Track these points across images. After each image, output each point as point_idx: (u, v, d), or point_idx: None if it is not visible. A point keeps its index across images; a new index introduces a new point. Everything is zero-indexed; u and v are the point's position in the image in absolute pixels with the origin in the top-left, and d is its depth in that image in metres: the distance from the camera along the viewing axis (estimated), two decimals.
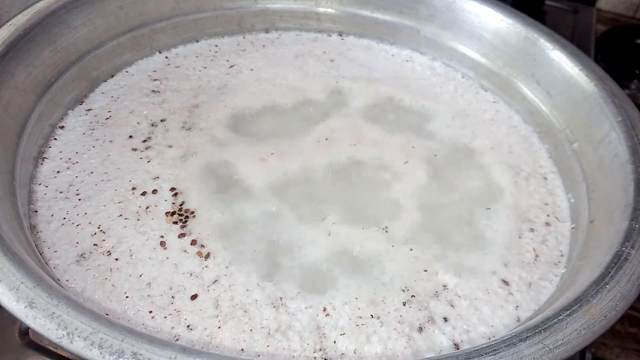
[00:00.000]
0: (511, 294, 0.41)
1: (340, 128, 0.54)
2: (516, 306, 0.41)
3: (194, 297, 0.38)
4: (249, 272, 0.40)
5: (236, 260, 0.41)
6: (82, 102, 0.52)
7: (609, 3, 1.01)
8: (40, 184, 0.44)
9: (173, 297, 0.38)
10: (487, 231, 0.46)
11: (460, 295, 0.41)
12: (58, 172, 0.45)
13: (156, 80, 0.56)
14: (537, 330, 0.30)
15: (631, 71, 0.87)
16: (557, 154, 0.53)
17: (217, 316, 0.37)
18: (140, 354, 0.27)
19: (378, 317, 0.38)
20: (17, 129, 0.44)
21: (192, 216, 0.43)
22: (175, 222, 0.43)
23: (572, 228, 0.47)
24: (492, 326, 0.39)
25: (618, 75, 0.58)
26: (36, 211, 0.42)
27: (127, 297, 0.37)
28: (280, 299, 0.39)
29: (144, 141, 0.49)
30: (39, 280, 0.30)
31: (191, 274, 0.39)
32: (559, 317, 0.31)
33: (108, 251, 0.40)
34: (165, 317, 0.37)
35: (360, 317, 0.38)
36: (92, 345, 0.27)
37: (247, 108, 0.54)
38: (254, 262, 0.41)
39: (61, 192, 0.44)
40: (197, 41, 0.62)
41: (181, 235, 0.42)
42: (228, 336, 0.36)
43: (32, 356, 0.39)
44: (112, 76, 0.56)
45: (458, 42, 0.62)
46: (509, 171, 0.51)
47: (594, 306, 0.32)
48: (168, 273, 0.39)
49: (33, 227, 0.41)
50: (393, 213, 0.46)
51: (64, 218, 0.42)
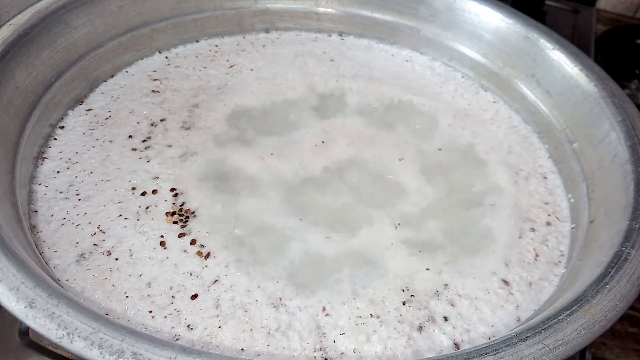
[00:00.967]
0: (511, 294, 0.41)
1: (340, 127, 0.54)
2: (516, 306, 0.41)
3: (194, 297, 0.38)
4: (249, 272, 0.40)
5: (236, 260, 0.41)
6: (82, 102, 0.52)
7: (609, 3, 1.01)
8: (40, 184, 0.44)
9: (173, 297, 0.38)
10: (488, 230, 0.46)
11: (460, 294, 0.41)
12: (58, 172, 0.45)
13: (156, 80, 0.56)
14: (537, 330, 0.30)
15: (631, 71, 0.87)
16: (557, 154, 0.53)
17: (218, 316, 0.37)
18: (140, 354, 0.27)
19: (378, 317, 0.38)
20: (17, 129, 0.43)
21: (192, 216, 0.43)
22: (175, 222, 0.43)
23: (572, 228, 0.47)
24: (493, 326, 0.39)
25: (618, 75, 0.58)
26: (36, 211, 0.42)
27: (127, 297, 0.37)
28: (280, 299, 0.39)
29: (144, 141, 0.49)
30: (39, 280, 0.30)
31: (191, 274, 0.39)
32: (559, 317, 0.31)
33: (108, 251, 0.40)
34: (165, 317, 0.37)
35: (360, 317, 0.38)
36: (92, 345, 0.27)
37: (247, 107, 0.54)
38: (254, 262, 0.41)
39: (61, 192, 0.44)
40: (197, 41, 0.62)
41: (181, 235, 0.42)
42: (228, 336, 0.36)
43: (32, 356, 0.39)
44: (112, 76, 0.56)
45: (458, 42, 0.62)
46: (509, 171, 0.51)
47: (594, 306, 0.32)
48: (168, 273, 0.39)
49: (33, 227, 0.41)
50: (392, 213, 0.46)
51: (64, 218, 0.42)
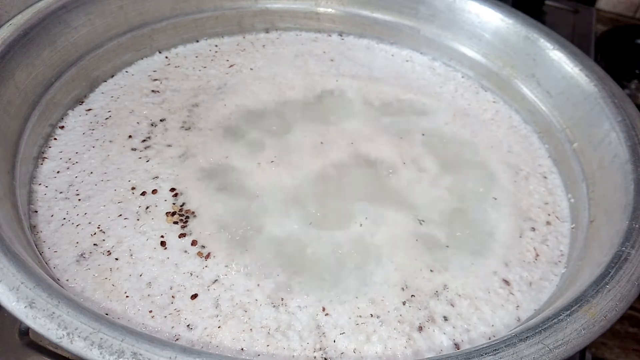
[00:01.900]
0: (512, 294, 0.41)
1: (340, 127, 0.54)
2: (517, 306, 0.41)
3: (194, 297, 0.38)
4: (249, 272, 0.40)
5: (236, 259, 0.41)
6: (82, 102, 0.52)
7: (609, 3, 1.01)
8: (40, 184, 0.44)
9: (173, 297, 0.38)
10: (488, 230, 0.46)
11: (460, 294, 0.41)
12: (58, 172, 0.45)
13: (156, 80, 0.56)
14: (537, 330, 0.30)
15: (631, 71, 0.87)
16: (557, 154, 0.53)
17: (217, 316, 0.37)
18: (140, 354, 0.27)
19: (378, 317, 0.38)
20: (17, 129, 0.43)
21: (193, 216, 0.43)
22: (175, 222, 0.43)
23: (572, 228, 0.47)
24: (493, 326, 0.39)
25: (618, 75, 0.58)
26: (36, 211, 0.42)
27: (127, 297, 0.37)
28: (280, 299, 0.39)
29: (144, 141, 0.49)
30: (39, 280, 0.30)
31: (191, 274, 0.39)
32: (559, 317, 0.31)
33: (108, 251, 0.40)
34: (165, 317, 0.37)
35: (360, 317, 0.38)
36: (92, 345, 0.27)
37: (247, 107, 0.54)
38: (254, 262, 0.41)
39: (61, 192, 0.44)
40: (197, 41, 0.62)
41: (181, 235, 0.42)
42: (228, 336, 0.36)
43: (32, 356, 0.39)
44: (112, 76, 0.56)
45: (458, 42, 0.62)
46: (509, 170, 0.51)
47: (594, 306, 0.32)
48: (168, 273, 0.39)
49: (33, 227, 0.41)
50: (392, 213, 0.46)
51: (64, 218, 0.42)
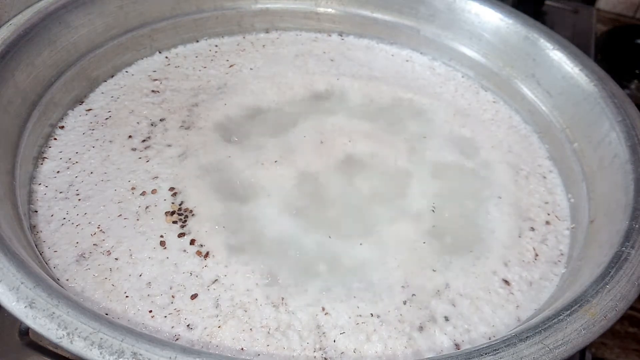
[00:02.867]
0: (512, 294, 0.41)
1: (340, 127, 0.54)
2: (517, 306, 0.41)
3: (194, 297, 0.38)
4: (249, 272, 0.40)
5: (236, 259, 0.40)
6: (82, 102, 0.52)
7: (609, 3, 1.01)
8: (40, 184, 0.44)
9: (173, 297, 0.38)
10: (488, 229, 0.46)
11: (461, 294, 0.40)
12: (58, 172, 0.45)
13: (156, 80, 0.56)
14: (537, 330, 0.30)
15: (631, 71, 0.87)
16: (557, 154, 0.53)
17: (217, 316, 0.37)
18: (140, 354, 0.27)
19: (378, 316, 0.38)
20: (17, 129, 0.43)
21: (192, 215, 0.43)
22: (174, 222, 0.43)
23: (572, 228, 0.47)
24: (493, 326, 0.39)
25: (618, 75, 0.58)
26: (36, 211, 0.42)
27: (127, 297, 0.37)
28: (280, 299, 0.38)
29: (143, 141, 0.49)
30: (39, 280, 0.30)
31: (191, 274, 0.39)
32: (559, 317, 0.31)
33: (108, 251, 0.40)
34: (165, 317, 0.37)
35: (360, 316, 0.38)
36: (92, 345, 0.27)
37: (247, 107, 0.54)
38: (254, 261, 0.41)
39: (61, 192, 0.44)
40: (197, 41, 0.62)
41: (181, 234, 0.42)
42: (228, 335, 0.36)
43: (32, 356, 0.39)
44: (112, 76, 0.56)
45: (458, 42, 0.62)
46: (509, 170, 0.51)
47: (594, 306, 0.32)
48: (168, 273, 0.39)
49: (33, 227, 0.41)
50: (392, 213, 0.46)
51: (64, 218, 0.42)
